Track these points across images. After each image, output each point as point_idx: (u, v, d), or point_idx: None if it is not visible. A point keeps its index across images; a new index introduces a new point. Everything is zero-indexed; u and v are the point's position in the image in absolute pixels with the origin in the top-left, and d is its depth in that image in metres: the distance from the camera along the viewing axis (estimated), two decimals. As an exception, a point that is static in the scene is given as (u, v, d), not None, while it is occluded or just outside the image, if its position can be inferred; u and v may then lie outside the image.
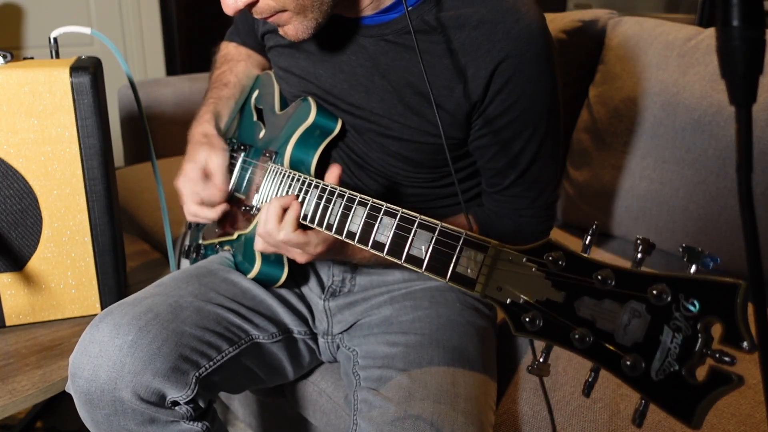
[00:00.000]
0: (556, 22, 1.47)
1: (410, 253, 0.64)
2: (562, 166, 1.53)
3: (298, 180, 0.83)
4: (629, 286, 0.47)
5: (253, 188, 0.98)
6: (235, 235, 0.99)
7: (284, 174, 0.88)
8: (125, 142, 2.00)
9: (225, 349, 0.86)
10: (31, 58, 1.00)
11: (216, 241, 1.06)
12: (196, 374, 0.82)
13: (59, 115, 0.94)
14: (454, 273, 0.60)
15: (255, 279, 0.94)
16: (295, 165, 0.90)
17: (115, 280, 1.04)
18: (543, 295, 0.52)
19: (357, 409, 0.82)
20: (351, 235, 0.72)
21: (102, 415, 0.80)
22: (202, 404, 0.85)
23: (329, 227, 0.75)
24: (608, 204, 1.39)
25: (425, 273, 0.63)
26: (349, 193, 0.74)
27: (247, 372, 0.92)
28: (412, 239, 0.64)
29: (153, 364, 0.78)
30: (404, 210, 0.66)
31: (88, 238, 1.01)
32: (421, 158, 0.88)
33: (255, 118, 1.08)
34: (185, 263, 1.15)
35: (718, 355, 0.43)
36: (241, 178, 1.03)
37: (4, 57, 0.94)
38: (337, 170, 0.80)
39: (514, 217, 0.90)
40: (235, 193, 1.02)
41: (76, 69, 0.93)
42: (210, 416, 0.89)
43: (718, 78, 0.70)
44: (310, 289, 1.01)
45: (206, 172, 0.96)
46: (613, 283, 0.48)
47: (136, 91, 1.10)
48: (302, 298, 1.00)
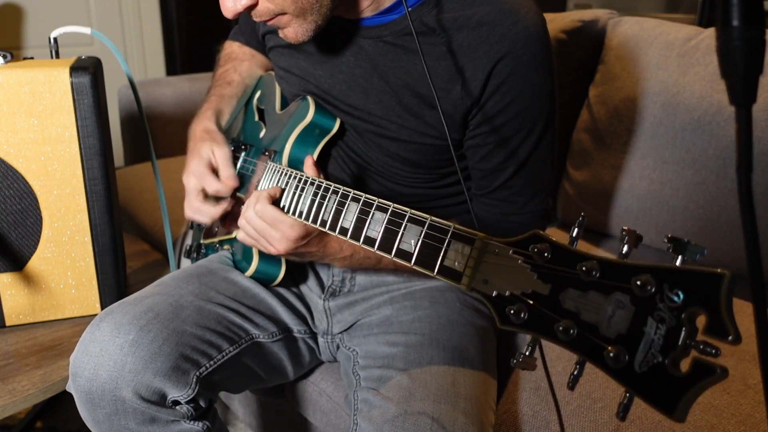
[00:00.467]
0: (556, 22, 1.47)
1: (400, 247, 0.64)
2: (557, 173, 1.52)
3: (294, 177, 0.84)
4: (614, 277, 0.46)
5: (252, 187, 0.98)
6: (234, 234, 1.00)
7: (282, 172, 0.88)
8: (125, 142, 2.00)
9: (225, 348, 0.86)
10: (31, 58, 1.00)
11: (216, 240, 1.06)
12: (197, 373, 0.82)
13: (59, 115, 0.94)
14: (441, 266, 0.59)
15: (252, 277, 0.94)
16: (293, 163, 0.90)
17: (115, 280, 1.04)
18: (528, 287, 0.51)
19: (357, 409, 0.82)
20: (344, 231, 0.71)
21: (103, 415, 0.80)
22: (202, 404, 0.85)
23: (323, 224, 0.75)
24: (608, 204, 1.39)
25: (414, 267, 0.62)
26: (343, 190, 0.74)
27: (248, 371, 0.92)
28: (402, 233, 0.64)
29: (154, 364, 0.78)
30: (395, 205, 0.66)
31: (88, 238, 1.01)
32: (419, 159, 0.88)
33: (256, 118, 1.09)
34: (186, 263, 1.15)
35: (702, 347, 0.42)
36: (241, 177, 1.03)
37: (4, 57, 0.94)
38: (309, 160, 0.82)
39: (502, 223, 0.89)
40: (236, 193, 1.02)
41: (76, 69, 0.93)
42: (210, 416, 0.89)
43: (718, 78, 0.70)
44: (310, 289, 1.01)
45: (212, 167, 0.96)
46: (598, 275, 0.47)
47: (136, 91, 1.10)
48: (301, 298, 1.00)
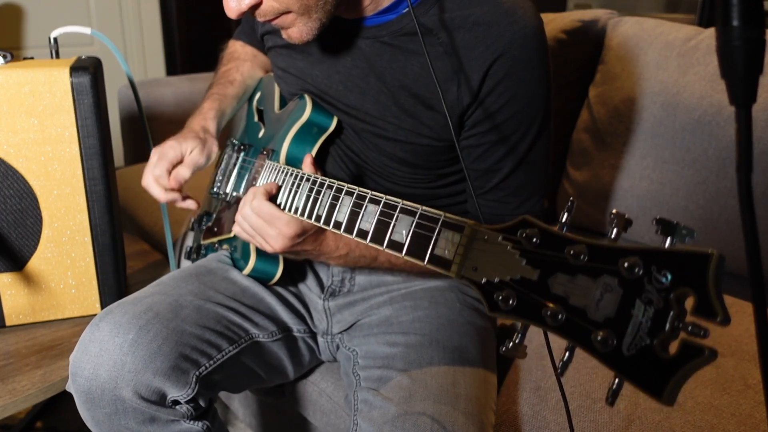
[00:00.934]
0: (556, 22, 1.47)
1: (392, 238, 0.64)
2: (555, 174, 1.52)
3: (291, 174, 0.84)
4: (602, 260, 0.46)
5: (250, 186, 0.98)
6: (233, 233, 1.00)
7: (279, 170, 0.88)
8: (125, 142, 2.00)
9: (225, 347, 0.86)
10: (31, 58, 1.00)
11: (215, 240, 1.06)
12: (197, 373, 0.82)
13: (59, 115, 0.94)
14: (432, 255, 0.59)
15: (250, 275, 0.94)
16: (291, 161, 0.90)
17: (115, 280, 1.04)
18: (517, 273, 0.50)
19: (357, 410, 0.82)
20: (338, 225, 0.72)
21: (102, 414, 0.80)
22: (202, 403, 0.85)
23: (318, 218, 0.75)
24: (608, 204, 1.39)
25: (405, 257, 0.62)
26: (338, 184, 0.74)
27: (248, 371, 0.92)
28: (394, 224, 0.64)
29: (153, 363, 0.78)
30: (388, 197, 0.66)
31: (88, 238, 1.01)
32: (416, 159, 0.88)
33: (256, 119, 1.09)
34: (186, 264, 1.15)
35: (690, 328, 0.41)
36: (240, 177, 1.03)
37: (4, 57, 0.94)
38: (308, 158, 0.83)
39: (494, 224, 0.89)
40: (234, 192, 1.02)
41: (76, 69, 0.93)
42: (210, 415, 0.89)
43: (718, 78, 0.70)
44: (310, 289, 1.01)
45: (181, 159, 0.97)
46: (586, 258, 0.46)
47: (136, 91, 1.10)
48: (300, 297, 1.00)
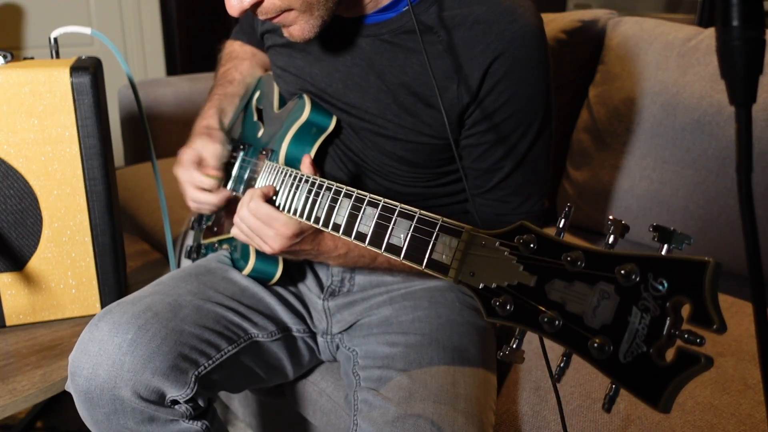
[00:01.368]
0: (556, 22, 1.47)
1: (390, 242, 0.64)
2: (556, 174, 1.52)
3: (290, 175, 0.84)
4: (599, 267, 0.46)
5: (250, 186, 0.98)
6: (232, 234, 1.00)
7: (278, 170, 0.88)
8: (125, 142, 2.00)
9: (224, 347, 0.86)
10: (32, 58, 1.00)
11: (215, 239, 1.06)
12: (196, 373, 0.82)
13: (59, 115, 0.94)
14: (430, 260, 0.59)
15: (250, 275, 0.94)
16: (290, 161, 0.90)
17: (115, 280, 1.04)
18: (515, 278, 0.51)
19: (357, 410, 0.82)
20: (336, 227, 0.72)
21: (102, 414, 0.80)
22: (201, 403, 0.85)
23: (317, 220, 0.76)
24: (608, 204, 1.39)
25: (403, 261, 0.62)
26: (336, 186, 0.74)
27: (247, 371, 0.92)
28: (392, 228, 0.64)
29: (152, 363, 0.78)
30: (386, 200, 0.66)
31: (88, 238, 1.01)
32: (415, 158, 0.88)
33: (255, 118, 1.09)
34: (186, 264, 1.15)
35: (686, 336, 0.41)
36: (239, 176, 1.03)
37: (5, 57, 0.94)
38: (306, 159, 0.83)
39: (495, 224, 0.88)
40: (234, 192, 1.02)
41: (76, 69, 0.93)
42: (210, 415, 0.89)
43: (718, 78, 0.70)
44: (309, 289, 1.01)
45: (200, 160, 0.98)
46: (583, 265, 0.46)
47: (136, 91, 1.10)
48: (299, 297, 1.00)
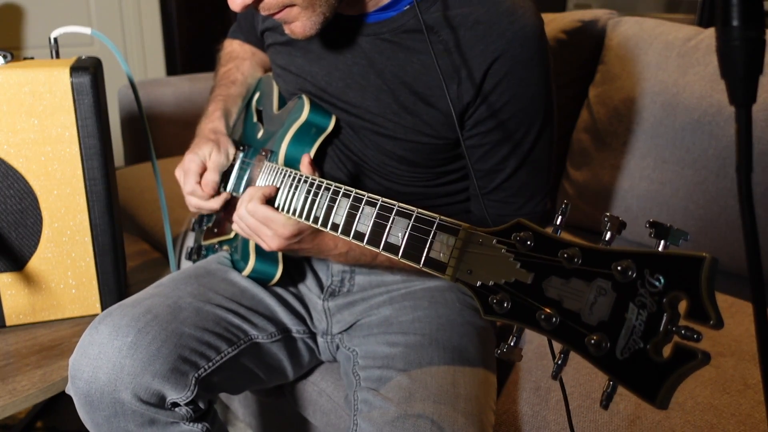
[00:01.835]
0: (556, 22, 1.47)
1: (388, 240, 0.64)
2: (557, 174, 1.52)
3: (289, 176, 0.84)
4: (595, 264, 0.46)
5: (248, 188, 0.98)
6: (233, 234, 1.00)
7: (277, 171, 0.88)
8: (125, 142, 2.00)
9: (224, 349, 0.86)
10: (32, 58, 1.00)
11: (215, 241, 1.06)
12: (196, 375, 0.82)
13: (59, 115, 0.94)
14: (427, 258, 0.59)
15: (250, 276, 0.94)
16: (290, 162, 0.90)
17: (115, 280, 1.04)
18: (512, 276, 0.51)
19: (357, 410, 0.82)
20: (335, 227, 0.72)
21: (102, 417, 0.80)
22: (202, 405, 0.85)
23: (316, 220, 0.76)
24: (608, 204, 1.39)
25: (401, 260, 0.62)
26: (335, 186, 0.74)
27: (247, 372, 0.92)
28: (390, 227, 0.64)
29: (152, 366, 0.78)
30: (384, 199, 0.67)
31: (88, 238, 1.00)
32: (415, 158, 0.88)
33: (255, 119, 1.09)
34: (187, 265, 1.15)
35: (683, 332, 0.41)
36: (239, 177, 1.03)
37: (5, 57, 0.94)
38: (306, 159, 0.83)
39: (497, 224, 0.89)
40: (233, 193, 1.02)
41: (76, 69, 0.93)
42: (210, 417, 0.89)
43: (718, 78, 0.70)
44: (309, 289, 1.01)
45: (203, 167, 0.97)
46: (580, 262, 0.46)
47: (136, 91, 1.10)
48: (299, 298, 1.00)
